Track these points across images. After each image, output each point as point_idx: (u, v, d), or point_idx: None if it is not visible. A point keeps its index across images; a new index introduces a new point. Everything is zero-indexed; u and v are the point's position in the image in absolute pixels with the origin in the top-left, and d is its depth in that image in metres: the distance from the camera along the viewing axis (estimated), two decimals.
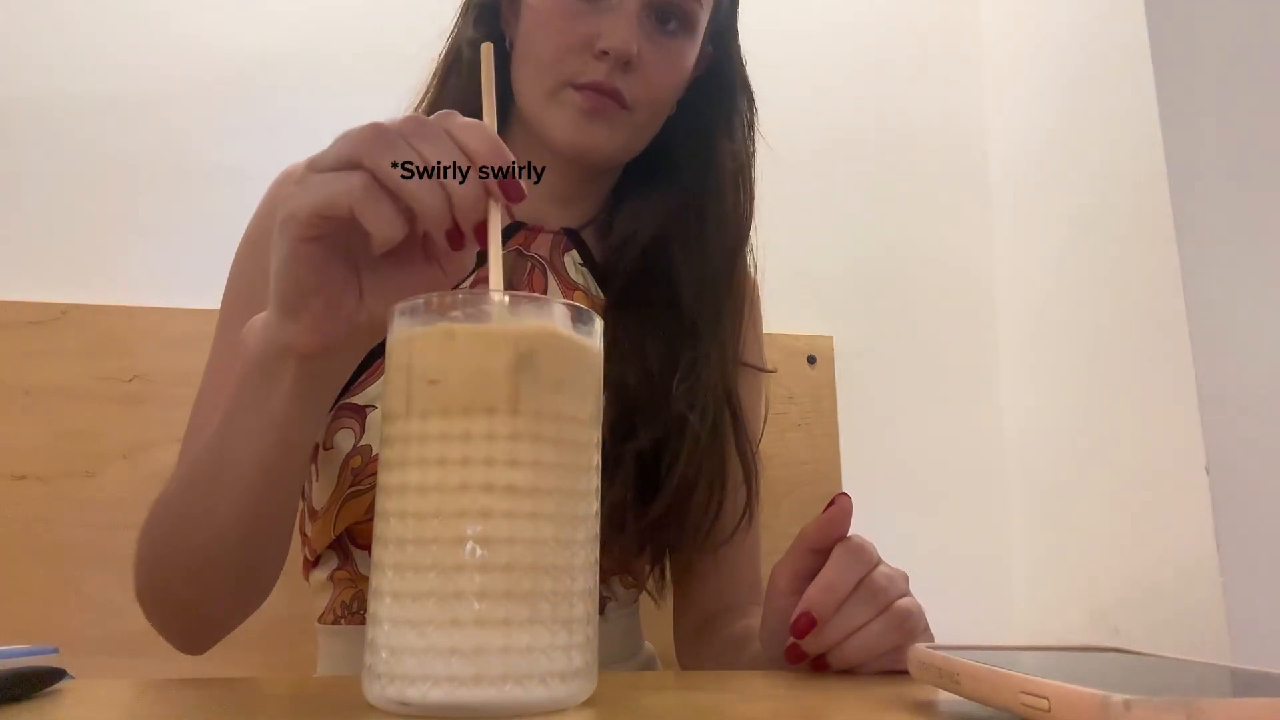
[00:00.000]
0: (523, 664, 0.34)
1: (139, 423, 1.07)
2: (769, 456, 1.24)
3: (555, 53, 0.70)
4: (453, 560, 0.34)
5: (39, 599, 1.00)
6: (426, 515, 0.35)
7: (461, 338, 0.36)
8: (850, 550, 0.51)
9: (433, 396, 0.36)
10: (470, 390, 0.35)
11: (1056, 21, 1.31)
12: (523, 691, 0.34)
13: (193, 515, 0.57)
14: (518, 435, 0.35)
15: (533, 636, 0.34)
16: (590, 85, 0.70)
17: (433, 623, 0.34)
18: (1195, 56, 1.04)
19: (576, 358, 0.38)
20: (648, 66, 0.71)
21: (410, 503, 0.35)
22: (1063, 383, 1.26)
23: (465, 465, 0.35)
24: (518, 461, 0.35)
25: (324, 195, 0.41)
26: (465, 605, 0.34)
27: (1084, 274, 1.22)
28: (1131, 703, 0.28)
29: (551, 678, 0.34)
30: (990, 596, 1.31)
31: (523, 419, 0.35)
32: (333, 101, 1.23)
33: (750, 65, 1.41)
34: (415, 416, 0.36)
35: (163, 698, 0.48)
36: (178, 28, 1.22)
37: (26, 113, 1.16)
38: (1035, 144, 1.35)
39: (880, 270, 1.38)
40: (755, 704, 0.43)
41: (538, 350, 0.36)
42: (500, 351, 0.36)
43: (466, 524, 0.34)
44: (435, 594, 0.34)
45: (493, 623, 0.34)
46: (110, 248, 1.15)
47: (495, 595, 0.34)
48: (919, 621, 0.50)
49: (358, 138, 0.41)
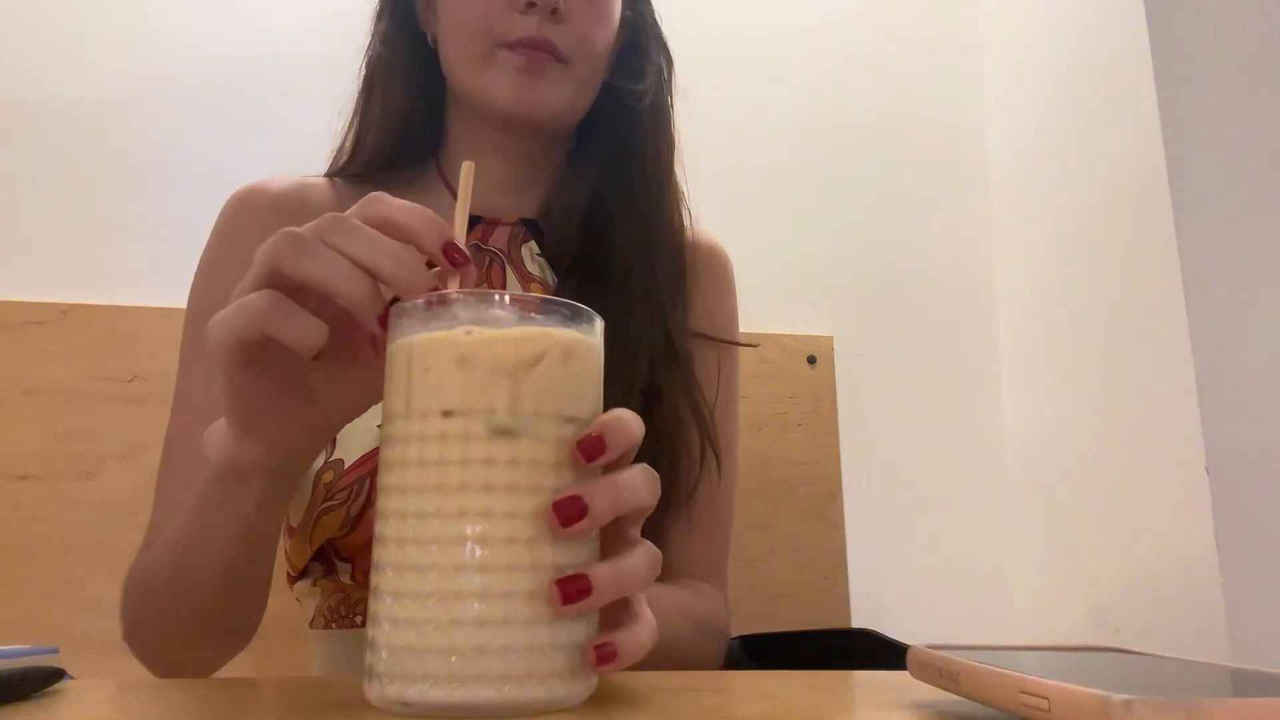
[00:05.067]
0: (523, 664, 0.34)
1: (139, 423, 1.07)
2: (769, 456, 1.25)
3: (482, 16, 0.70)
4: (452, 560, 0.34)
5: (39, 599, 1.01)
6: (427, 515, 0.35)
7: (461, 339, 0.36)
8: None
9: (432, 396, 0.36)
10: (470, 390, 0.35)
11: (1057, 22, 1.31)
12: (522, 691, 0.34)
13: (171, 586, 0.57)
14: (518, 435, 0.35)
15: (533, 636, 0.34)
16: (523, 41, 0.69)
17: (433, 623, 0.34)
18: (1195, 56, 1.04)
19: (576, 357, 0.37)
20: (576, 16, 0.71)
21: (410, 503, 0.35)
22: (1062, 383, 1.26)
23: (464, 466, 0.35)
24: (518, 461, 0.35)
25: (238, 323, 0.40)
26: (465, 605, 0.34)
27: (1084, 274, 1.22)
28: (1131, 703, 0.28)
29: (551, 678, 0.34)
30: (990, 596, 1.31)
31: (523, 419, 0.35)
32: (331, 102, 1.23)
33: (750, 64, 1.42)
34: (415, 417, 0.36)
35: (163, 698, 0.48)
36: (178, 30, 1.22)
37: (26, 113, 1.16)
38: (1035, 144, 1.35)
39: (880, 270, 1.38)
40: (755, 704, 0.43)
41: (538, 351, 0.36)
42: (501, 352, 0.36)
43: (466, 524, 0.34)
44: (435, 594, 0.34)
45: (493, 623, 0.34)
46: (110, 248, 1.15)
47: (495, 595, 0.34)
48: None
49: (269, 251, 0.40)
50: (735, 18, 1.41)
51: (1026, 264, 1.35)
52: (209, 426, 0.47)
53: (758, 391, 1.25)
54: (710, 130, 1.37)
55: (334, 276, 0.39)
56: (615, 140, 0.79)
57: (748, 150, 1.38)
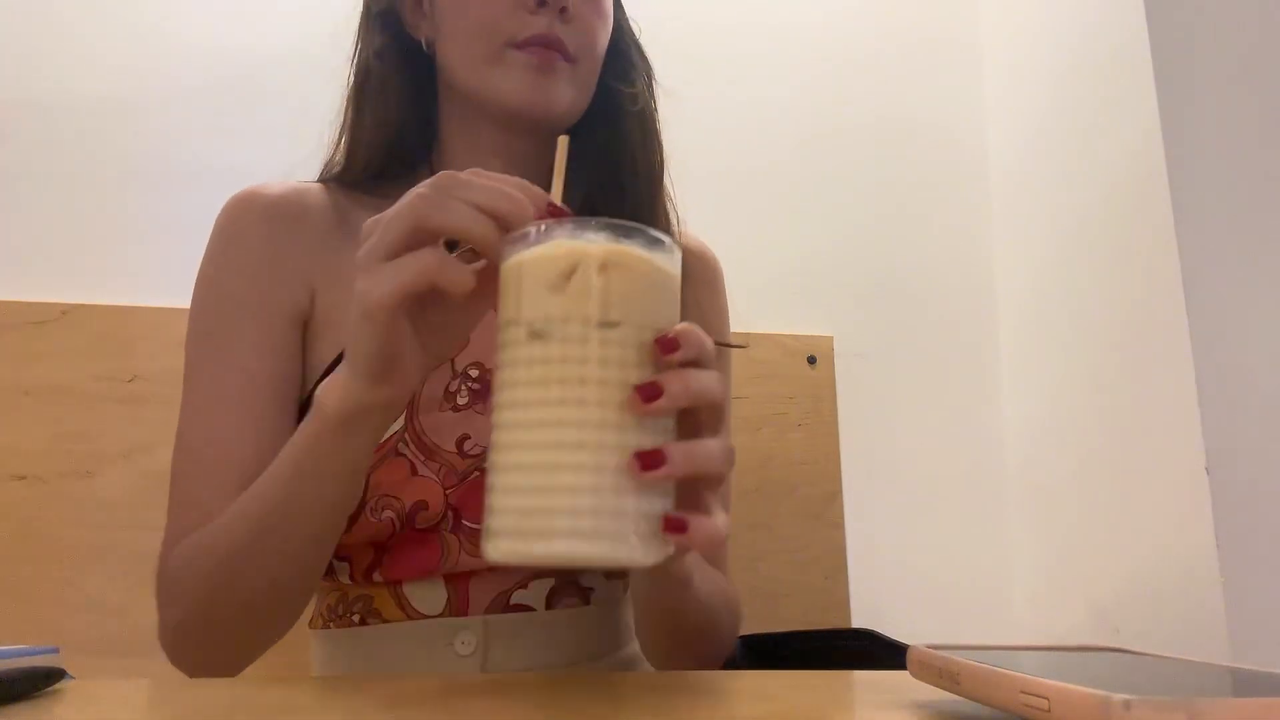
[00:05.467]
0: (609, 525, 0.41)
1: (139, 423, 1.07)
2: (769, 456, 1.25)
3: (490, 16, 0.70)
4: (555, 440, 0.41)
5: (39, 599, 1.00)
6: (533, 404, 0.42)
7: (561, 255, 0.42)
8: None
9: (539, 305, 0.42)
10: (569, 300, 0.42)
11: (1057, 22, 1.31)
12: (607, 548, 0.41)
13: (255, 556, 0.59)
14: (609, 338, 0.42)
15: (619, 503, 0.41)
16: (535, 38, 0.70)
17: (538, 491, 0.41)
18: (1195, 56, 1.04)
19: (657, 276, 0.44)
20: (581, 15, 0.72)
21: (521, 395, 0.42)
22: (1063, 383, 1.26)
23: (564, 363, 0.41)
24: (608, 360, 0.41)
25: (406, 277, 0.46)
26: (564, 477, 0.41)
27: (1084, 274, 1.22)
28: (1131, 703, 0.28)
29: (632, 538, 0.41)
30: (990, 596, 1.31)
31: (613, 324, 0.42)
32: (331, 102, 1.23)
33: (750, 64, 1.42)
34: (524, 324, 0.42)
35: (163, 698, 0.48)
36: (177, 29, 1.22)
37: (27, 113, 1.16)
38: (1035, 144, 1.35)
39: (880, 270, 1.38)
40: (755, 704, 0.43)
41: (626, 268, 0.42)
42: (594, 267, 0.42)
43: (567, 411, 0.41)
44: (541, 467, 0.41)
45: (585, 490, 0.41)
46: (110, 248, 1.15)
47: (588, 469, 0.41)
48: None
49: (411, 210, 0.46)
50: (735, 17, 1.41)
51: (1026, 264, 1.35)
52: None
53: (758, 391, 1.25)
54: (710, 130, 1.37)
55: (468, 223, 0.45)
56: (607, 141, 0.80)
57: (748, 150, 1.38)
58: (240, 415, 0.67)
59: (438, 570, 0.70)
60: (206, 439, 0.67)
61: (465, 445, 0.70)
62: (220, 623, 0.64)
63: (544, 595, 0.72)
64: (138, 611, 1.02)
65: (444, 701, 0.45)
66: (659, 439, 0.42)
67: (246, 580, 0.60)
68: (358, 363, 0.50)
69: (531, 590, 0.72)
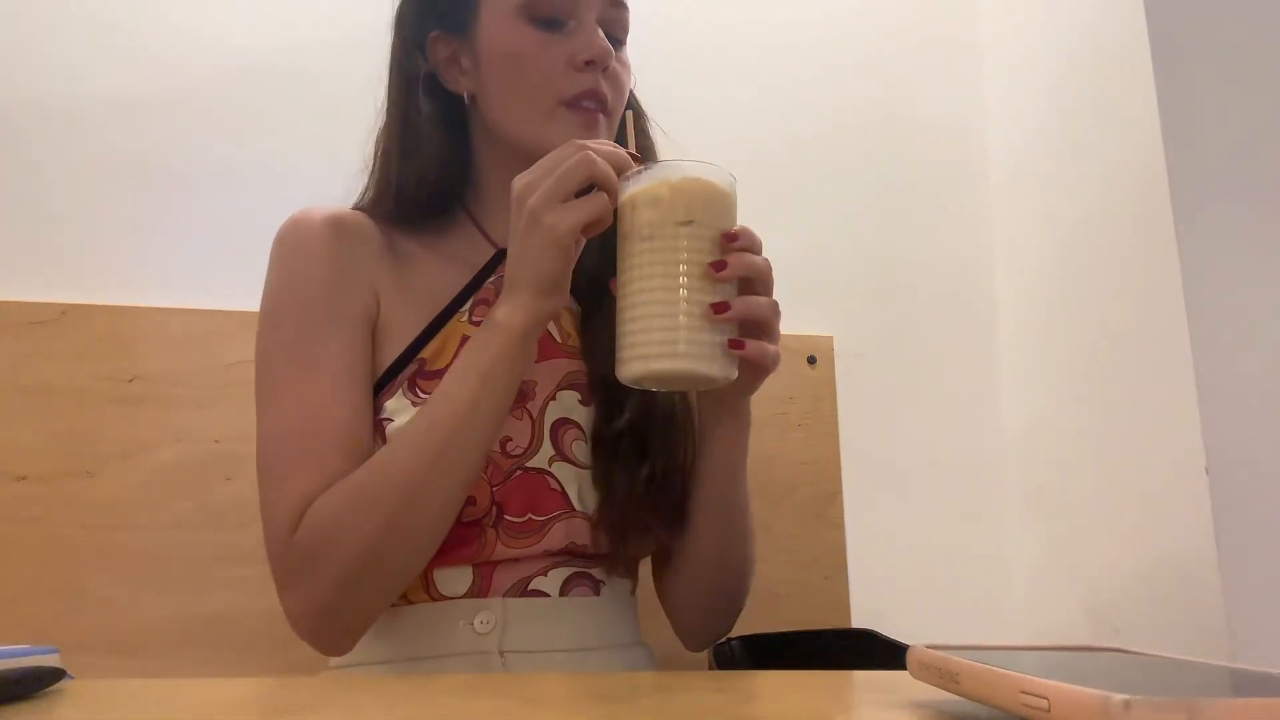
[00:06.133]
0: (695, 349, 0.63)
1: (139, 423, 1.07)
2: (769, 457, 1.24)
3: (544, 77, 0.78)
4: (662, 291, 0.63)
5: (39, 599, 1.00)
6: (649, 272, 0.64)
7: (657, 186, 0.65)
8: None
9: (647, 216, 0.65)
10: (667, 210, 0.64)
11: (1057, 22, 1.31)
12: (695, 364, 0.63)
13: (443, 472, 0.68)
14: (690, 236, 0.64)
15: (702, 335, 0.63)
16: (584, 94, 0.78)
17: (652, 329, 0.63)
18: (1195, 56, 1.04)
19: (715, 192, 0.66)
20: (615, 73, 0.81)
21: (639, 268, 0.64)
22: (1062, 383, 1.26)
23: (665, 249, 0.64)
24: (692, 247, 0.64)
25: (589, 212, 0.65)
26: (666, 318, 0.63)
27: (1084, 274, 1.22)
28: (1131, 703, 0.28)
29: (711, 359, 0.64)
30: (990, 596, 1.31)
31: (691, 225, 0.64)
32: (331, 102, 1.23)
33: (750, 64, 1.42)
34: (638, 230, 0.65)
35: (163, 698, 0.48)
36: (178, 29, 1.22)
37: (27, 114, 1.16)
38: (1035, 144, 1.35)
39: (880, 270, 1.38)
40: (755, 704, 0.43)
41: (700, 189, 0.65)
42: (683, 189, 0.65)
43: (670, 275, 0.64)
44: (652, 314, 0.63)
45: (680, 327, 0.63)
46: (110, 248, 1.15)
47: (680, 313, 0.63)
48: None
49: (579, 166, 0.65)
50: (735, 17, 1.41)
51: (1026, 264, 1.35)
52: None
53: (758, 392, 1.25)
54: (710, 130, 1.37)
55: (610, 174, 0.66)
56: None
57: (748, 150, 1.37)
58: (346, 396, 0.75)
59: (471, 560, 0.76)
60: (316, 416, 0.73)
61: (508, 446, 0.77)
62: (391, 563, 0.69)
63: (559, 584, 0.78)
64: (138, 611, 1.02)
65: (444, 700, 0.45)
66: (727, 295, 0.64)
67: (434, 499, 0.69)
68: (540, 282, 0.67)
69: (549, 578, 0.78)
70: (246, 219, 1.19)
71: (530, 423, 0.79)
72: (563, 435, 0.79)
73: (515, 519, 0.76)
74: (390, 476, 0.68)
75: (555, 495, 0.77)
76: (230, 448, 1.08)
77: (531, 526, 0.76)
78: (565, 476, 0.78)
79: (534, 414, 0.79)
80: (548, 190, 0.65)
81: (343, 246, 0.80)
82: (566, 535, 0.77)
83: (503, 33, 0.79)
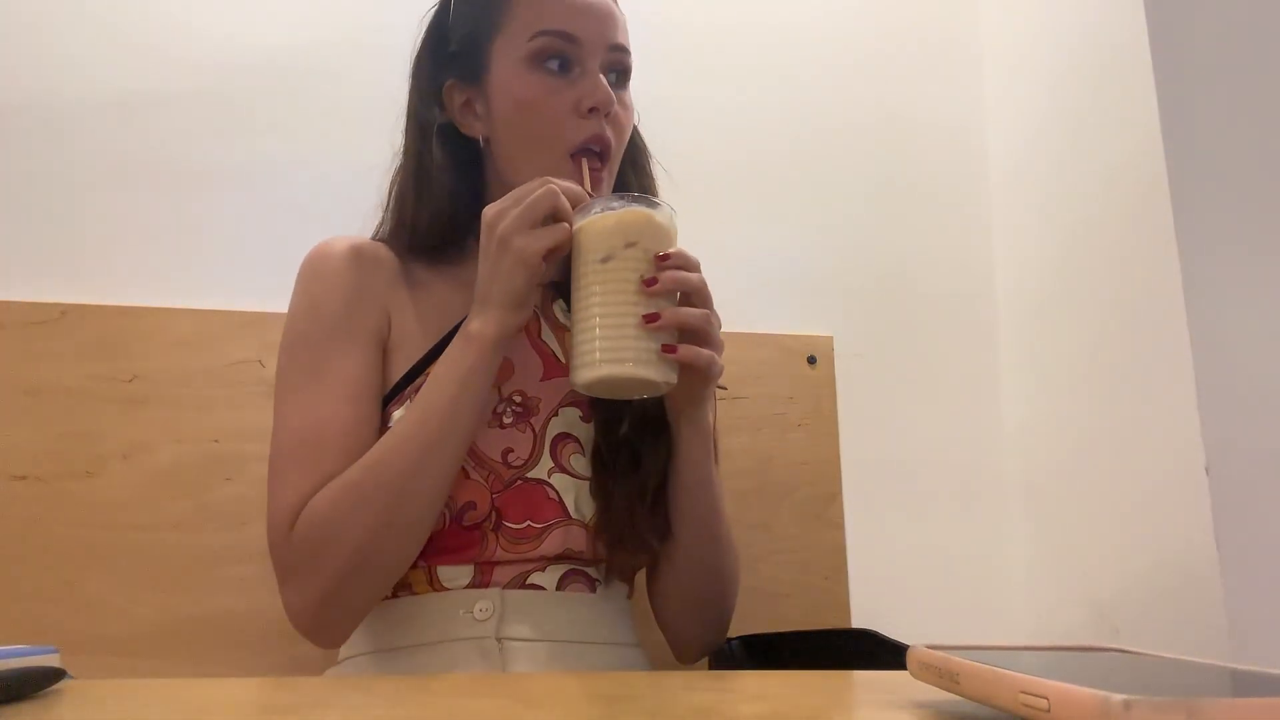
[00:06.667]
0: (634, 355, 0.71)
1: (139, 423, 1.07)
2: (769, 457, 1.25)
3: (552, 123, 0.83)
4: (607, 307, 0.72)
5: (39, 599, 1.01)
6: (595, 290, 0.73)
7: (606, 218, 0.74)
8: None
9: (598, 244, 0.73)
10: (612, 239, 0.73)
11: (1057, 22, 1.31)
12: (636, 369, 0.71)
13: (429, 469, 0.75)
14: (632, 257, 0.73)
15: (640, 343, 0.71)
16: (590, 139, 0.83)
17: (597, 339, 0.72)
18: (1195, 56, 1.04)
19: (655, 221, 0.74)
20: (615, 116, 0.85)
21: (584, 288, 0.73)
22: (1062, 383, 1.26)
23: (607, 269, 0.73)
24: (631, 267, 0.72)
25: (553, 239, 0.74)
26: (609, 329, 0.71)
27: (1084, 274, 1.22)
28: (1131, 703, 0.28)
29: (649, 364, 0.72)
30: (990, 596, 1.31)
31: (634, 247, 0.73)
32: (331, 102, 1.23)
33: (751, 64, 1.42)
34: (592, 255, 0.73)
35: (163, 698, 0.48)
36: (177, 29, 1.22)
37: (27, 113, 1.16)
38: (1035, 144, 1.35)
39: (880, 270, 1.38)
40: (755, 704, 0.43)
41: (637, 220, 0.74)
42: (624, 220, 0.74)
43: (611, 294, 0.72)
44: (599, 324, 0.72)
45: (620, 336, 0.71)
46: (110, 248, 1.15)
47: (618, 324, 0.71)
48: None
49: (545, 200, 0.74)
50: (735, 18, 1.41)
51: (1026, 264, 1.35)
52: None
53: (758, 391, 1.25)
54: (711, 130, 1.37)
55: (566, 206, 0.75)
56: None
57: (748, 150, 1.38)
58: (350, 406, 0.81)
59: (473, 561, 0.81)
60: (321, 422, 0.80)
61: (509, 457, 0.82)
62: (383, 555, 0.75)
63: (556, 578, 0.83)
64: (137, 611, 1.02)
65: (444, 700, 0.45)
66: (661, 308, 0.72)
67: (422, 494, 0.75)
68: (509, 298, 0.75)
69: (547, 573, 0.82)
70: (247, 219, 1.19)
71: (533, 436, 0.84)
72: (562, 449, 0.84)
73: (514, 525, 0.81)
74: (380, 474, 0.74)
75: (553, 504, 0.82)
76: (230, 448, 1.08)
77: (530, 533, 0.81)
78: (563, 487, 0.83)
79: (536, 428, 0.84)
80: (517, 218, 0.73)
81: (359, 272, 0.86)
82: (563, 542, 0.82)
83: (513, 81, 0.84)
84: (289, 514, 0.76)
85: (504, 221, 0.74)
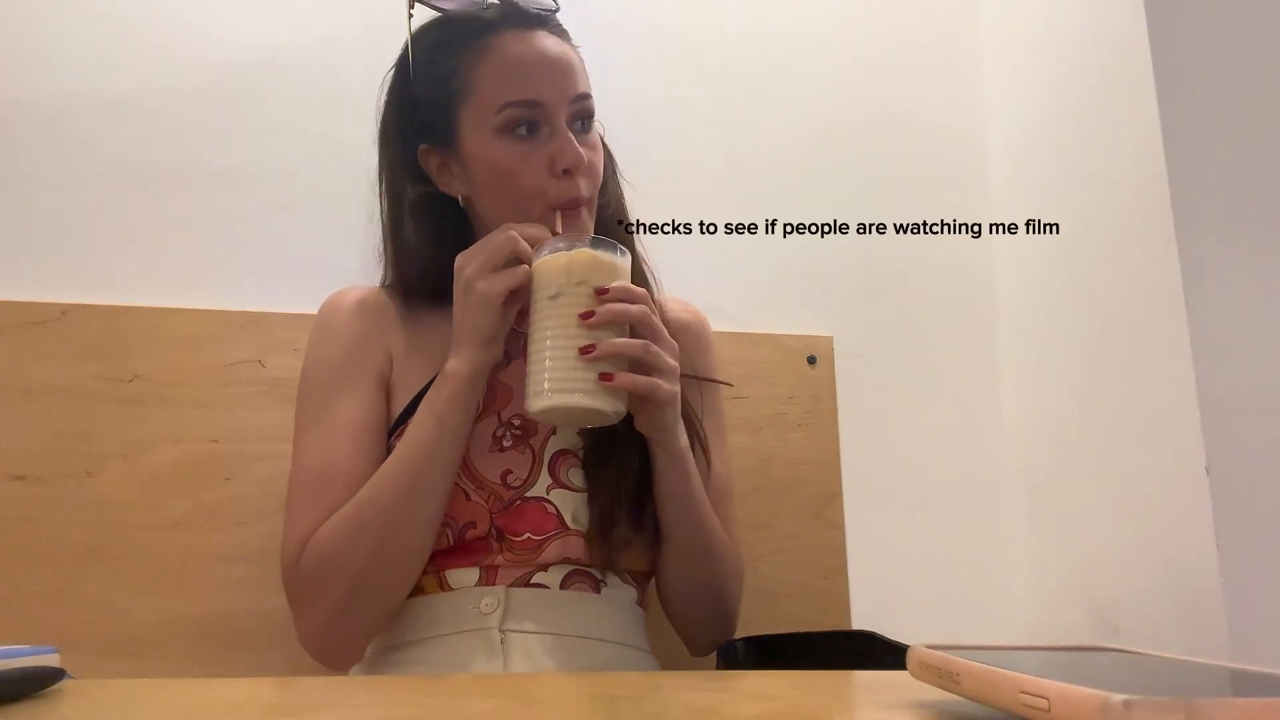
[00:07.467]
0: (578, 384, 0.75)
1: (139, 423, 1.07)
2: (769, 457, 1.24)
3: (531, 188, 0.86)
4: (554, 340, 0.77)
5: (39, 599, 1.00)
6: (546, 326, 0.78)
7: (557, 259, 0.79)
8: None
9: (551, 282, 0.78)
10: (563, 278, 0.78)
11: (1057, 22, 1.31)
12: (583, 399, 0.75)
13: (417, 500, 0.80)
14: (579, 293, 0.77)
15: (582, 373, 0.75)
16: (571, 200, 0.86)
17: (546, 370, 0.76)
18: (1195, 56, 1.04)
19: (604, 261, 0.79)
20: (588, 166, 0.88)
21: (538, 323, 0.78)
22: (1062, 383, 1.26)
23: (557, 305, 0.77)
24: (575, 304, 0.77)
25: (513, 280, 0.79)
26: (555, 361, 0.76)
27: (1084, 274, 1.22)
28: (1131, 703, 0.28)
29: (594, 394, 0.75)
30: (990, 596, 1.31)
31: (579, 284, 0.77)
32: (332, 102, 1.23)
33: (751, 64, 1.42)
34: (546, 293, 0.78)
35: (163, 698, 0.48)
36: (177, 28, 1.22)
37: (27, 113, 1.16)
38: (1035, 144, 1.35)
39: (880, 270, 1.38)
40: (755, 704, 0.43)
41: (585, 260, 0.78)
42: (573, 260, 0.78)
43: (560, 328, 0.77)
44: (548, 358, 0.76)
45: (565, 368, 0.76)
46: (110, 248, 1.15)
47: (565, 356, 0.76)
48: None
49: (506, 244, 0.80)
50: (736, 18, 1.41)
51: (1026, 264, 1.35)
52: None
53: (758, 391, 1.25)
54: (711, 130, 1.37)
55: (526, 249, 0.81)
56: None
57: (748, 150, 1.38)
58: (352, 445, 0.86)
59: (478, 564, 0.85)
60: (327, 462, 0.85)
61: (508, 478, 0.86)
62: (381, 581, 0.81)
63: (560, 578, 0.86)
64: (138, 611, 1.02)
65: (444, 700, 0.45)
66: (604, 338, 0.76)
67: (413, 522, 0.80)
68: (478, 337, 0.80)
69: (550, 573, 0.86)
70: (247, 219, 1.19)
71: (531, 456, 0.88)
72: (560, 464, 0.88)
73: (515, 538, 0.85)
74: (373, 507, 0.80)
75: (552, 518, 0.86)
76: (230, 448, 1.08)
77: (530, 544, 0.85)
78: (561, 501, 0.86)
79: (535, 449, 0.88)
80: (480, 263, 0.80)
81: (365, 321, 0.93)
82: (562, 551, 0.85)
83: (487, 151, 0.87)
84: (297, 547, 0.81)
85: (469, 267, 0.80)
